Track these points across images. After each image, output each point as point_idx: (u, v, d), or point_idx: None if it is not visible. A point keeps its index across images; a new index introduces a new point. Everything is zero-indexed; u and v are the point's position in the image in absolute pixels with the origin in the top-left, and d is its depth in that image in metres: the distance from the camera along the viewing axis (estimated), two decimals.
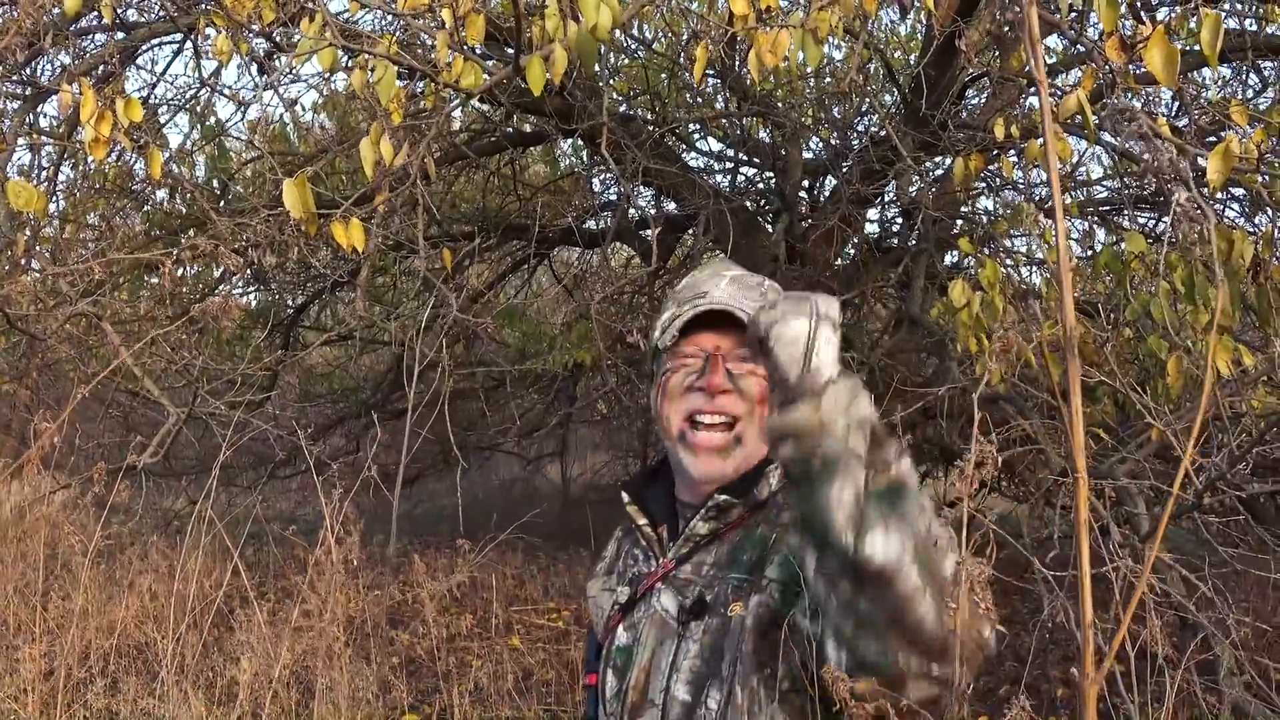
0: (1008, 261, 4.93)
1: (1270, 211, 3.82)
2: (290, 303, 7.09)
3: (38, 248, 4.28)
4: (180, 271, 6.25)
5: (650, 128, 5.37)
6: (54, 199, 5.07)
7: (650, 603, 1.35)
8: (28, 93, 3.99)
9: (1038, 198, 5.34)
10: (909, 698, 0.99)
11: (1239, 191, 4.62)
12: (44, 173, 5.27)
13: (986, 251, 4.63)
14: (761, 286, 1.38)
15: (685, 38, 5.47)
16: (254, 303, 7.34)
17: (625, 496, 1.44)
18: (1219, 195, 4.94)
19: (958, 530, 0.91)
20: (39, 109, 5.13)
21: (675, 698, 1.26)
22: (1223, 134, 2.85)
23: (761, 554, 1.26)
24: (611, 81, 5.95)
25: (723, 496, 1.31)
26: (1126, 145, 4.61)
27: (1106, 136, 4.67)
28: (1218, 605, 2.91)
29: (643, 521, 1.41)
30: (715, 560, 1.31)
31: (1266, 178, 3.02)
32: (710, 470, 1.32)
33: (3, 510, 6.49)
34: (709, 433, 1.32)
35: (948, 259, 5.88)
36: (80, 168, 5.52)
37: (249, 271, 5.37)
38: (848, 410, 1.01)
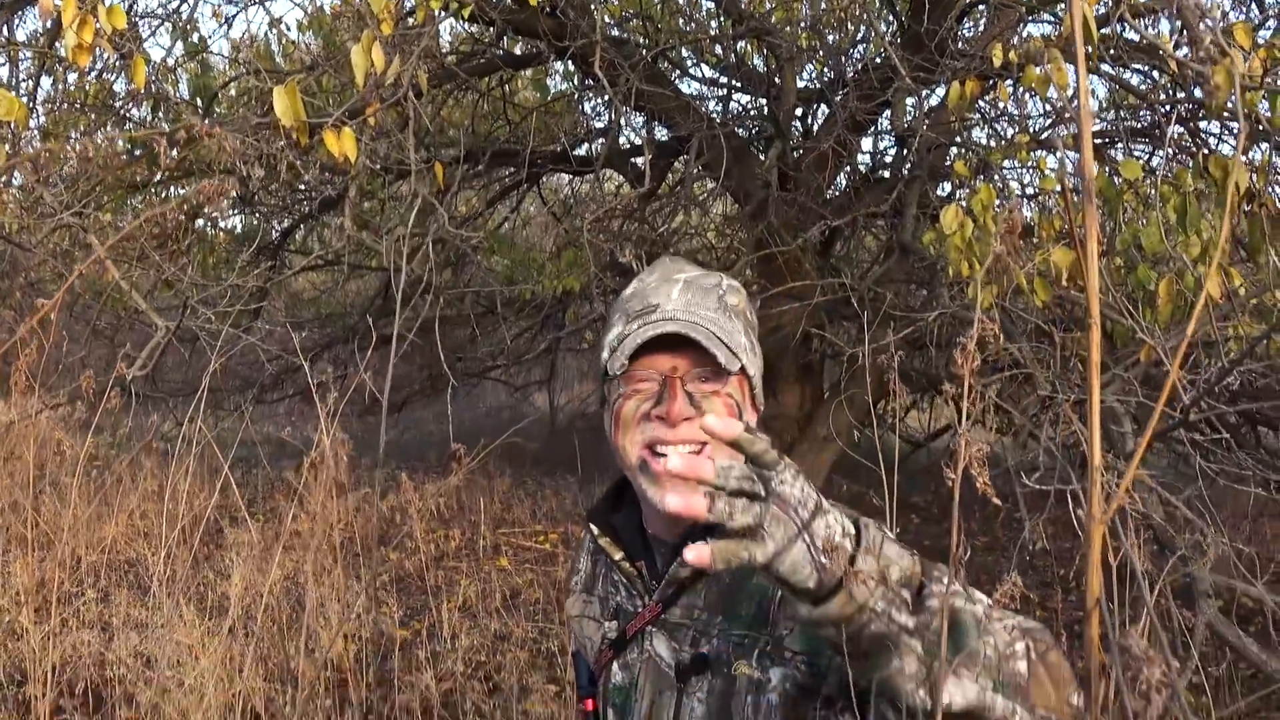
0: (1001, 190, 4.91)
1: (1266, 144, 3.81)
2: (276, 226, 7.02)
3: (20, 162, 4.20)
4: (164, 192, 6.18)
5: (643, 50, 5.29)
6: (34, 114, 4.98)
7: (643, 645, 1.24)
8: (5, 1, 3.89)
9: (1034, 129, 5.31)
10: None
11: (1235, 126, 4.60)
12: (23, 86, 5.16)
13: (981, 179, 4.61)
14: (719, 288, 1.24)
15: None
16: (239, 227, 7.27)
17: (593, 529, 1.31)
18: (1214, 127, 4.92)
19: (957, 409, 0.91)
20: (17, 19, 5.01)
21: None
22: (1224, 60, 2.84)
23: (761, 602, 1.16)
24: (604, 2, 5.84)
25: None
26: (1122, 72, 4.57)
27: (1105, 67, 4.63)
28: (1199, 527, 2.97)
29: (619, 556, 1.28)
30: (706, 604, 1.20)
31: (1267, 103, 3.01)
32: (682, 504, 1.02)
33: None
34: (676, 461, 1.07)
35: (941, 190, 5.86)
36: (60, 85, 5.41)
37: (234, 194, 5.31)
38: (880, 584, 0.92)
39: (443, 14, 4.40)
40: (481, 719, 3.54)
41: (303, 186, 5.96)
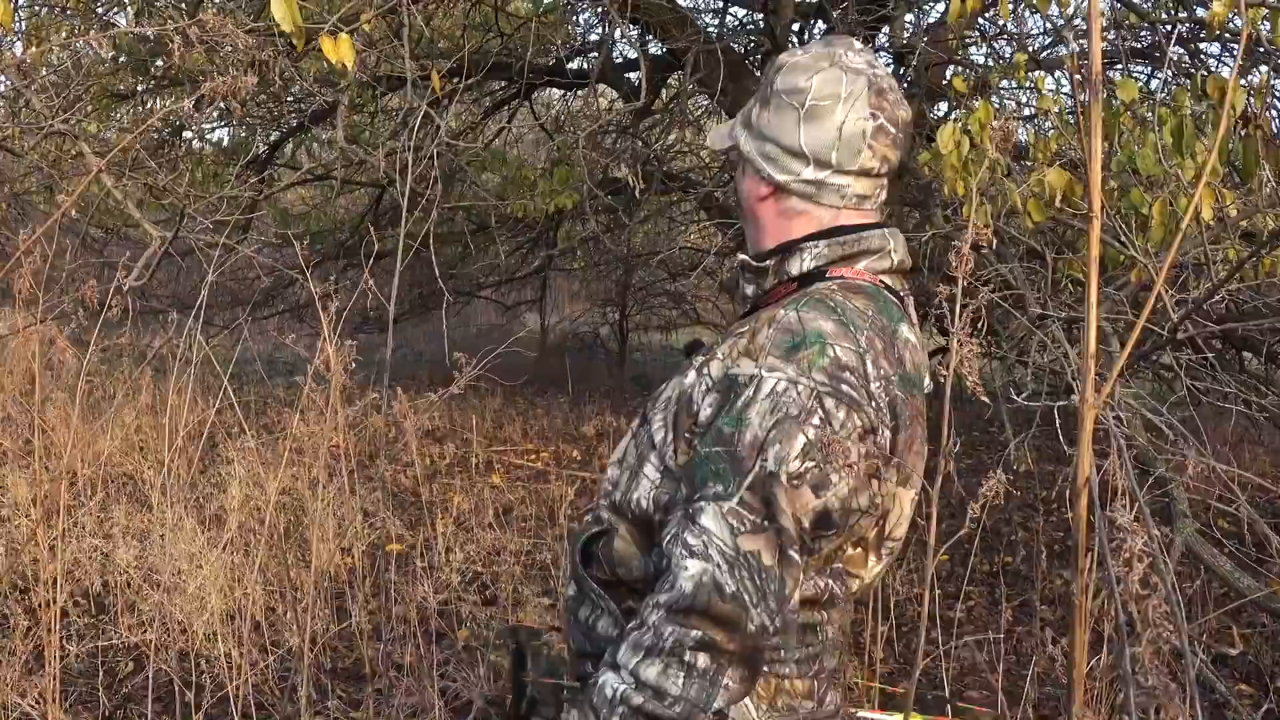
0: (999, 110, 4.88)
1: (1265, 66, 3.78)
2: (263, 140, 6.92)
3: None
4: (149, 103, 6.07)
5: None
6: (16, 18, 4.86)
7: None
8: None
9: (1033, 49, 5.25)
10: None
11: (1234, 48, 4.56)
12: None
13: (979, 99, 4.57)
14: (769, 77, 1.39)
15: None
16: (225, 140, 7.17)
17: None
18: (1214, 48, 4.87)
19: (951, 307, 0.93)
20: None
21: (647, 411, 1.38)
22: None
23: (735, 331, 1.30)
24: None
25: (742, 256, 1.38)
26: None
27: None
28: (1179, 448, 3.03)
29: None
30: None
31: (1268, 23, 2.99)
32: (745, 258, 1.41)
33: None
34: None
35: (937, 111, 5.80)
36: None
37: (221, 104, 5.22)
38: None
39: None
40: (477, 627, 3.64)
41: (291, 98, 5.86)
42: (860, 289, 1.31)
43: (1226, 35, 4.07)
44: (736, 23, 6.40)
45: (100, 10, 5.17)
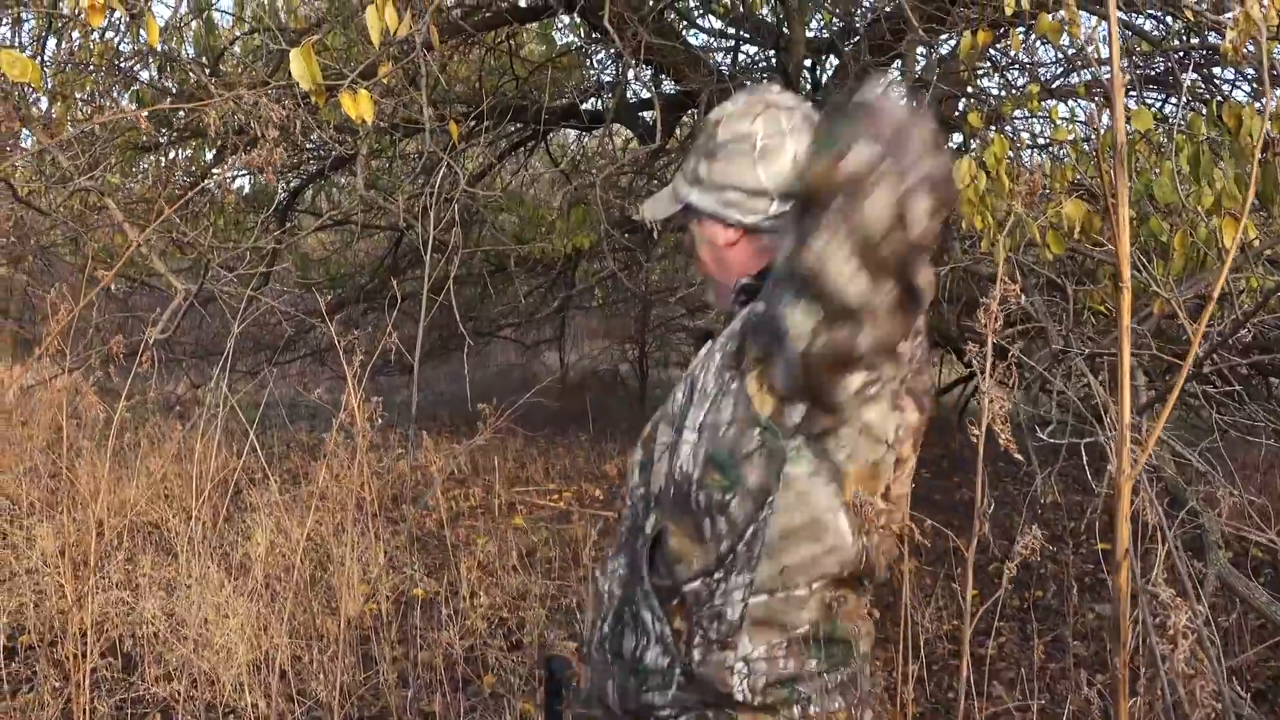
0: (1013, 141, 4.88)
1: None
2: (284, 187, 7.01)
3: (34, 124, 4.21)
4: (173, 153, 6.17)
5: (651, 2, 5.24)
6: (43, 75, 4.95)
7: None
8: None
9: (1045, 77, 5.26)
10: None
11: (1250, 73, 4.55)
12: (28, 50, 5.13)
13: (994, 130, 4.58)
14: (713, 127, 1.44)
15: None
16: (247, 188, 7.26)
17: None
18: (1229, 74, 4.87)
19: (980, 369, 0.93)
20: None
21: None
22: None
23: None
24: None
25: (745, 279, 1.42)
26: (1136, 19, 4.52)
27: (1120, 14, 4.57)
28: (1209, 479, 2.99)
29: None
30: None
31: None
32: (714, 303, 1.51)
33: (7, 393, 6.54)
34: None
35: (952, 142, 5.82)
36: (66, 43, 5.37)
37: (244, 151, 5.30)
38: None
39: None
40: (503, 673, 3.61)
41: (310, 145, 5.94)
42: None
43: (1240, 61, 4.07)
44: (748, 60, 6.45)
45: (123, 65, 5.26)
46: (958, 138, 5.94)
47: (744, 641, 1.27)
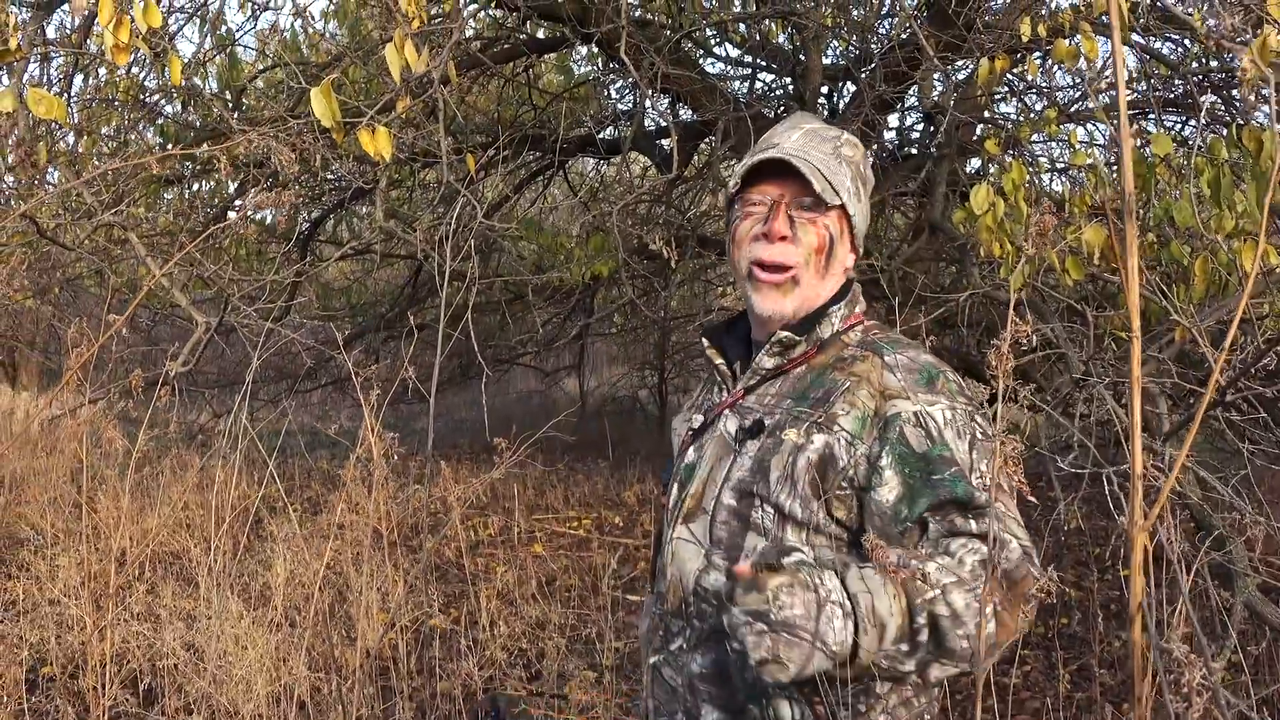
0: (1031, 167, 4.87)
1: None
2: (306, 218, 7.08)
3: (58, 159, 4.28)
4: (196, 186, 6.25)
5: (667, 32, 5.27)
6: (69, 110, 5.03)
7: (717, 426, 1.47)
8: (41, 1, 3.94)
9: (1062, 101, 5.25)
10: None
11: (1268, 94, 4.52)
12: (55, 86, 5.21)
13: (1011, 156, 4.57)
14: (838, 140, 1.47)
15: None
16: (268, 219, 7.34)
17: (705, 341, 1.57)
18: (1250, 96, 4.83)
19: (992, 404, 0.92)
20: (46, 17, 5.05)
21: (723, 503, 1.38)
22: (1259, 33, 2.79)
23: (829, 392, 1.36)
24: None
25: (784, 333, 1.42)
26: (1154, 42, 4.51)
27: (1136, 37, 4.56)
28: (1235, 506, 2.95)
29: (719, 361, 1.53)
30: (779, 391, 1.43)
31: None
32: (771, 307, 1.44)
33: (31, 424, 6.61)
34: (770, 273, 1.44)
35: (970, 167, 5.81)
36: (91, 79, 5.46)
37: (265, 184, 5.36)
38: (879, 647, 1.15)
39: (469, 2, 4.40)
40: (522, 704, 3.59)
41: (330, 177, 6.00)
42: (879, 326, 1.47)
43: (1260, 86, 4.04)
44: (764, 87, 6.47)
45: (148, 100, 5.34)
46: (975, 163, 5.94)
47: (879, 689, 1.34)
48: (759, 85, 6.48)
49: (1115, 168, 4.64)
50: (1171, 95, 5.08)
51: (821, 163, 1.43)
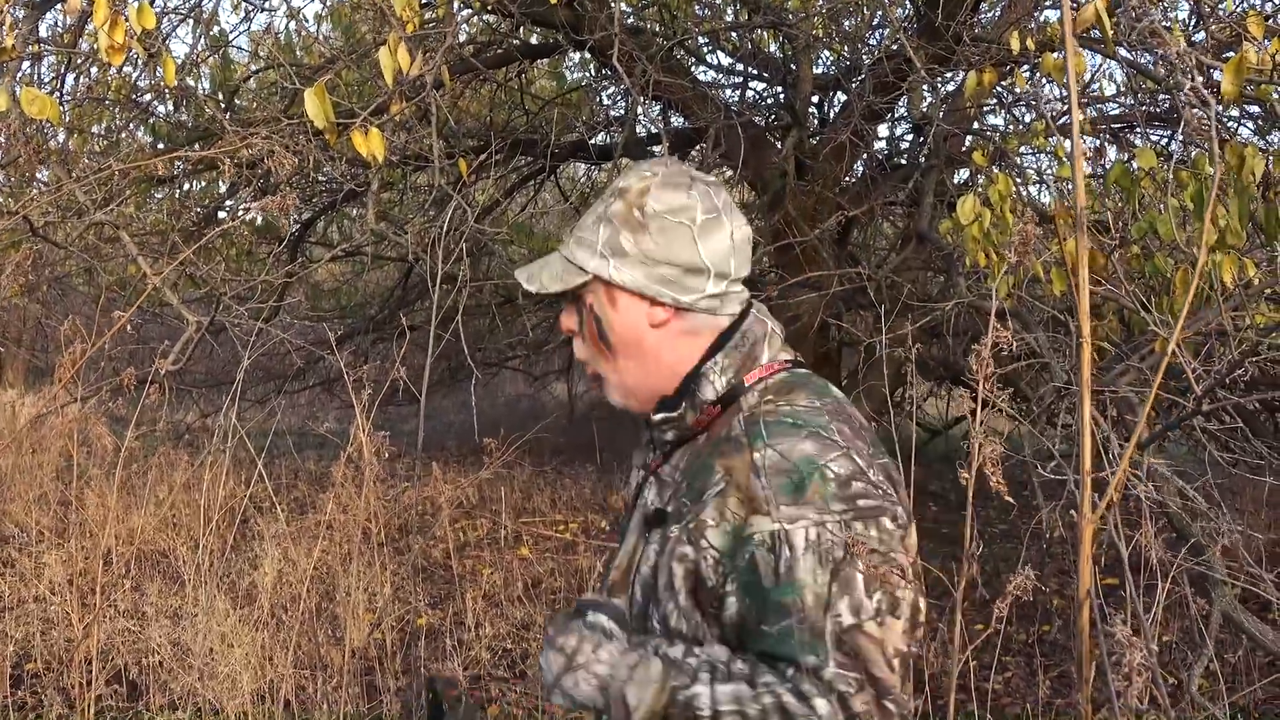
0: (1018, 179, 4.92)
1: None
2: (296, 219, 7.09)
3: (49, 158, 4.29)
4: (186, 186, 6.25)
5: (660, 40, 5.32)
6: (61, 110, 5.04)
7: (644, 492, 1.37)
8: (35, 0, 3.95)
9: (1050, 114, 5.31)
10: None
11: (1254, 110, 4.59)
12: (48, 86, 5.22)
13: (998, 168, 4.62)
14: (612, 198, 1.30)
15: None
16: (259, 219, 7.34)
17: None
18: (1233, 111, 4.90)
19: (972, 414, 0.96)
20: (41, 18, 5.06)
21: (635, 596, 1.31)
22: (1239, 49, 2.84)
23: (705, 487, 1.24)
24: None
25: (657, 416, 1.31)
26: (1140, 56, 4.57)
27: (1122, 51, 4.62)
28: (1212, 516, 2.99)
29: (645, 425, 1.43)
30: (681, 468, 1.31)
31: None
32: (614, 401, 1.37)
33: (18, 421, 6.60)
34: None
35: (957, 177, 5.87)
36: (83, 79, 5.47)
37: (258, 185, 5.37)
38: None
39: (463, 8, 4.43)
40: (507, 705, 3.61)
41: (322, 178, 6.02)
42: (788, 384, 1.28)
43: (1243, 105, 4.10)
44: (756, 96, 6.52)
45: (141, 99, 5.35)
46: (963, 174, 6.00)
47: None
48: (750, 94, 6.53)
49: (1101, 180, 4.70)
50: (1157, 109, 5.15)
51: (566, 248, 1.32)
